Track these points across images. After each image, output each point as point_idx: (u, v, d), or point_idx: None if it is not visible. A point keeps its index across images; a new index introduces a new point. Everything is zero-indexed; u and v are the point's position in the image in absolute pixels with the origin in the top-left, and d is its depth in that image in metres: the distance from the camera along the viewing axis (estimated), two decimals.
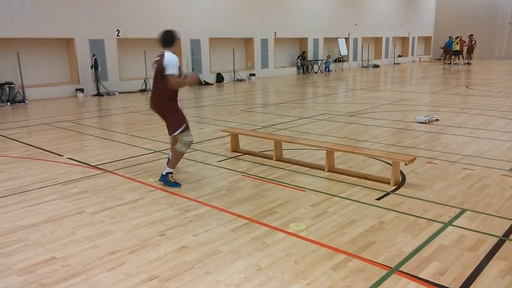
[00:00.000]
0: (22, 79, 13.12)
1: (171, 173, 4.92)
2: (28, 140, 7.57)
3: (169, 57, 4.69)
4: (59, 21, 13.92)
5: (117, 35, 15.50)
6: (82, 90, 14.54)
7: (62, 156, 6.38)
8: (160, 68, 4.71)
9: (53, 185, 5.01)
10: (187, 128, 4.91)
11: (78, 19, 14.36)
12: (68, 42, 14.66)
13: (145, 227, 3.78)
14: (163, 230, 3.71)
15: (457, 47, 27.83)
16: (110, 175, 5.38)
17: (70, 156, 6.33)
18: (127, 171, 5.50)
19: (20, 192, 4.77)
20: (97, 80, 14.64)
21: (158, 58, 4.80)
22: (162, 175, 4.93)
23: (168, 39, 4.86)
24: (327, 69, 24.07)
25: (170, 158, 5.08)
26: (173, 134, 4.96)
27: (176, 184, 4.86)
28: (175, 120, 4.91)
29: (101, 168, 5.66)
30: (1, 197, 4.62)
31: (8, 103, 12.56)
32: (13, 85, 13.05)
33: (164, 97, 4.83)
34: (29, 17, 13.25)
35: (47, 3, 13.61)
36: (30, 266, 3.13)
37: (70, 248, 3.41)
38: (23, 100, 12.88)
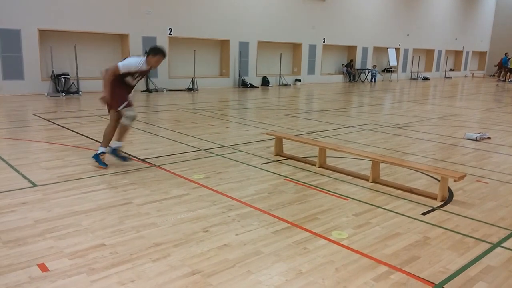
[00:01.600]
0: (78, 71, 13.73)
1: (120, 148, 5.62)
2: (81, 130, 7.91)
3: (132, 59, 5.40)
4: (115, 17, 14.48)
5: (169, 34, 15.92)
6: None
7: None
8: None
9: (104, 175, 5.22)
10: (128, 105, 5.48)
11: (134, 16, 14.89)
12: (122, 38, 15.22)
13: (189, 222, 3.87)
14: (207, 227, 3.79)
15: None
16: (157, 169, 5.54)
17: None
18: (173, 167, 5.65)
19: (73, 180, 5.00)
20: (147, 76, 15.10)
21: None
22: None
23: (150, 51, 5.45)
24: (373, 79, 23.71)
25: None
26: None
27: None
28: (117, 98, 5.45)
29: (148, 162, 5.84)
30: (56, 183, 4.86)
31: (63, 93, 13.16)
32: (69, 76, 13.68)
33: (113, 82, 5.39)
34: (88, 12, 13.87)
35: (106, 0, 14.18)
36: (81, 250, 3.28)
37: (118, 236, 3.54)
38: (77, 92, 13.46)
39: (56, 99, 12.48)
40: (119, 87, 5.47)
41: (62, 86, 13.46)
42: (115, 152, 5.57)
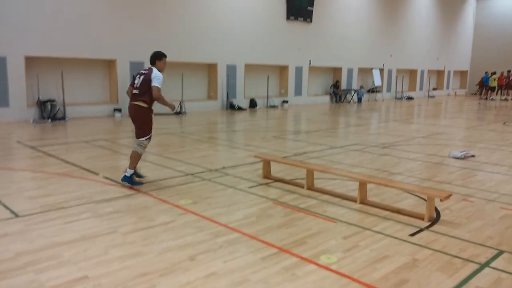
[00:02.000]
0: (64, 97, 13.66)
1: (134, 174, 5.93)
2: (66, 157, 7.82)
3: (156, 72, 5.73)
4: (103, 42, 14.52)
5: None
6: (119, 110, 14.97)
7: (98, 174, 6.56)
8: (147, 80, 5.70)
9: (88, 203, 5.14)
10: (150, 138, 6.10)
11: (121, 41, 14.94)
12: (110, 63, 15.24)
13: (176, 250, 3.81)
14: (194, 255, 3.73)
15: (494, 83, 27.28)
16: (143, 195, 5.48)
17: (106, 175, 6.50)
18: (160, 193, 5.59)
19: (56, 209, 4.91)
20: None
21: (145, 72, 5.80)
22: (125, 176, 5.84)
23: (154, 57, 5.86)
24: (359, 99, 23.98)
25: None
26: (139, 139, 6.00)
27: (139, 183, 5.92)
28: (145, 128, 6.00)
29: (135, 189, 5.78)
30: (39, 213, 4.77)
31: (49, 119, 13.05)
32: (55, 102, 13.60)
33: (141, 105, 5.87)
34: (75, 38, 13.89)
35: (92, 25, 14.24)
36: (63, 284, 3.20)
37: (102, 267, 3.47)
38: (63, 118, 13.37)
39: (42, 125, 12.37)
40: (150, 117, 6.03)
41: (48, 112, 13.36)
42: (128, 179, 5.91)
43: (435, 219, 4.73)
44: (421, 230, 4.41)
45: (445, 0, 31.22)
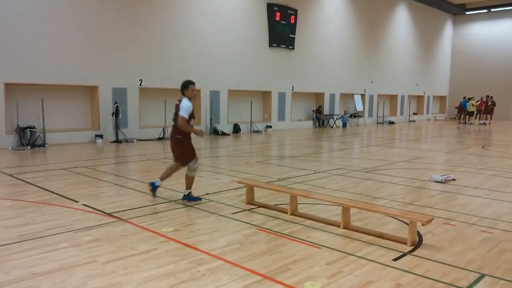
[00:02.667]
0: (44, 124, 13.51)
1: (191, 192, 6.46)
2: (45, 185, 7.67)
3: (184, 102, 6.15)
4: (84, 69, 14.50)
5: (140, 85, 16.01)
6: (101, 136, 14.86)
7: (77, 202, 6.43)
8: (176, 111, 6.18)
9: (67, 232, 5.02)
10: (196, 160, 6.43)
11: (103, 67, 14.94)
12: (92, 90, 15.18)
13: (157, 280, 3.73)
14: (175, 284, 3.65)
15: (472, 108, 27.97)
16: (124, 223, 5.38)
17: (85, 203, 6.38)
18: (141, 220, 5.50)
19: (34, 238, 4.78)
20: (117, 127, 14.99)
21: (178, 103, 6.24)
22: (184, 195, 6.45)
23: (182, 88, 6.35)
24: (344, 124, 24.28)
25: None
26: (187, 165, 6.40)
27: (198, 198, 6.53)
28: (186, 155, 6.33)
29: (115, 216, 5.68)
30: (16, 243, 4.64)
31: (28, 146, 12.85)
32: (35, 129, 13.42)
33: (177, 136, 6.25)
34: (56, 65, 13.84)
35: (75, 52, 14.24)
36: None
37: None
38: (43, 144, 13.18)
39: (20, 152, 12.17)
40: (188, 143, 6.33)
41: (28, 139, 13.17)
42: (187, 197, 6.50)
43: (417, 243, 4.75)
44: (404, 255, 4.41)
45: (423, 28, 32.19)
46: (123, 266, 4.03)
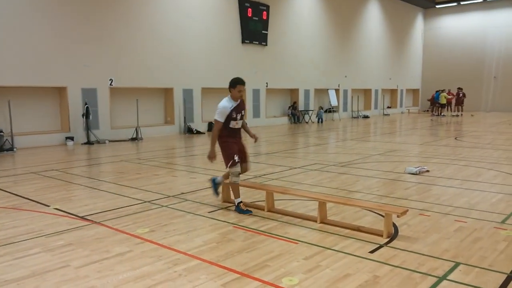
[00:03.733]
0: (12, 127, 13.11)
1: (241, 202, 5.84)
2: (15, 190, 7.43)
3: (221, 103, 5.75)
4: (52, 70, 14.11)
5: (110, 85, 15.70)
6: (72, 138, 14.51)
7: (49, 206, 6.25)
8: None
9: (39, 237, 4.87)
10: (235, 163, 5.79)
11: (72, 68, 14.58)
12: (60, 91, 14.80)
13: (132, 282, 3.64)
14: (151, 286, 3.57)
15: (444, 101, 28.56)
16: (97, 226, 5.25)
17: (57, 207, 6.20)
18: (115, 222, 5.38)
19: (4, 244, 4.62)
20: (88, 128, 14.66)
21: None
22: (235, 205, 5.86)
23: (229, 85, 5.84)
24: (320, 119, 24.41)
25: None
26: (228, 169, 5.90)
27: (248, 211, 5.76)
28: (225, 157, 5.87)
29: (88, 219, 5.54)
30: None
31: None
32: (2, 133, 13.01)
33: (220, 136, 5.83)
34: (23, 66, 13.43)
35: (41, 52, 13.84)
36: None
37: None
38: (11, 148, 12.78)
39: None
40: (226, 143, 5.83)
41: None
42: (237, 208, 5.84)
43: (393, 235, 4.79)
44: (380, 247, 4.45)
45: (395, 22, 32.66)
46: (97, 269, 3.93)
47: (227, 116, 5.71)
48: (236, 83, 5.74)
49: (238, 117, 5.81)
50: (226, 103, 5.72)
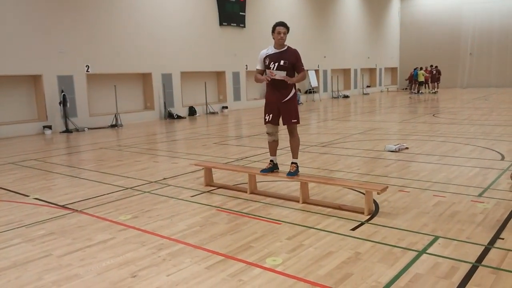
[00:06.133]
0: None
1: (271, 161, 5.80)
2: None
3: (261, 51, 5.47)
4: (26, 57, 13.74)
5: (87, 71, 15.39)
6: (50, 127, 14.24)
7: (28, 196, 6.16)
8: None
9: (19, 227, 4.80)
10: (265, 122, 5.71)
11: (46, 55, 14.21)
12: (35, 79, 14.44)
13: (116, 269, 3.64)
14: (135, 271, 3.58)
15: (422, 78, 28.87)
16: (79, 214, 5.20)
17: (37, 196, 6.11)
18: (97, 210, 5.34)
19: None
20: (65, 116, 14.39)
21: None
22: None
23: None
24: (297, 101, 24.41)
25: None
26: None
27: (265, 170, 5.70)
28: None
29: (69, 208, 5.48)
30: None
31: None
32: None
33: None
34: None
35: (14, 40, 13.44)
36: None
37: None
38: None
39: None
40: (267, 99, 5.52)
41: None
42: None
43: (374, 212, 4.88)
44: (362, 224, 4.52)
45: (372, 1, 32.65)
46: (80, 257, 3.90)
47: (265, 64, 5.36)
48: (274, 26, 5.32)
49: (273, 66, 5.24)
50: (262, 52, 5.44)
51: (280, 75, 5.20)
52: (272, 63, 5.24)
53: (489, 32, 32.97)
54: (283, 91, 5.30)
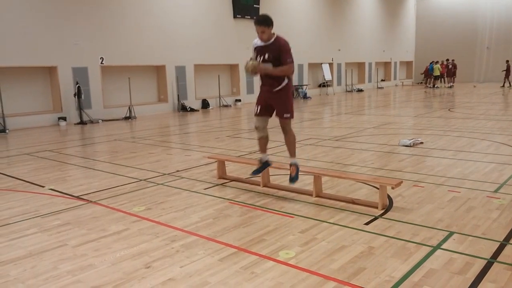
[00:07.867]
0: (3, 108, 12.97)
1: (259, 159, 5.62)
2: (8, 171, 7.40)
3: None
4: (42, 49, 13.89)
5: (101, 63, 15.50)
6: (64, 119, 14.40)
7: (43, 187, 6.24)
8: None
9: (34, 217, 4.87)
10: (255, 114, 5.62)
11: (62, 47, 14.35)
12: (51, 71, 14.60)
13: (130, 260, 3.67)
14: (149, 262, 3.60)
15: (438, 72, 28.50)
16: (93, 205, 5.26)
17: (52, 187, 6.19)
18: (111, 201, 5.39)
19: (0, 226, 4.62)
20: (80, 108, 14.54)
21: None
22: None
23: None
24: (305, 96, 24.07)
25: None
26: None
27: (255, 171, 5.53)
28: None
29: (84, 199, 5.54)
30: None
31: None
32: None
33: None
34: (11, 46, 13.20)
35: (30, 32, 13.59)
36: None
37: (51, 283, 3.28)
38: (3, 130, 12.68)
39: None
40: (260, 89, 5.38)
41: None
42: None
43: (388, 207, 4.84)
44: (375, 218, 4.49)
45: None
46: (94, 248, 3.95)
47: (255, 53, 5.16)
48: (255, 23, 5.07)
49: (259, 59, 5.06)
50: (255, 39, 5.20)
51: (266, 67, 5.05)
52: (258, 56, 5.11)
53: (507, 25, 32.35)
54: (273, 80, 5.11)
